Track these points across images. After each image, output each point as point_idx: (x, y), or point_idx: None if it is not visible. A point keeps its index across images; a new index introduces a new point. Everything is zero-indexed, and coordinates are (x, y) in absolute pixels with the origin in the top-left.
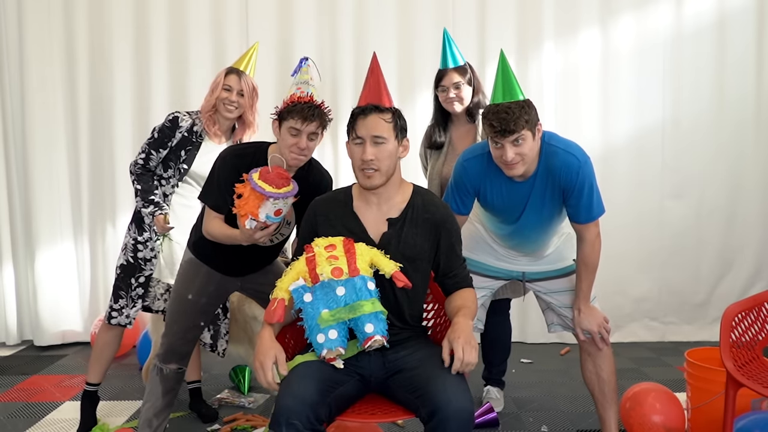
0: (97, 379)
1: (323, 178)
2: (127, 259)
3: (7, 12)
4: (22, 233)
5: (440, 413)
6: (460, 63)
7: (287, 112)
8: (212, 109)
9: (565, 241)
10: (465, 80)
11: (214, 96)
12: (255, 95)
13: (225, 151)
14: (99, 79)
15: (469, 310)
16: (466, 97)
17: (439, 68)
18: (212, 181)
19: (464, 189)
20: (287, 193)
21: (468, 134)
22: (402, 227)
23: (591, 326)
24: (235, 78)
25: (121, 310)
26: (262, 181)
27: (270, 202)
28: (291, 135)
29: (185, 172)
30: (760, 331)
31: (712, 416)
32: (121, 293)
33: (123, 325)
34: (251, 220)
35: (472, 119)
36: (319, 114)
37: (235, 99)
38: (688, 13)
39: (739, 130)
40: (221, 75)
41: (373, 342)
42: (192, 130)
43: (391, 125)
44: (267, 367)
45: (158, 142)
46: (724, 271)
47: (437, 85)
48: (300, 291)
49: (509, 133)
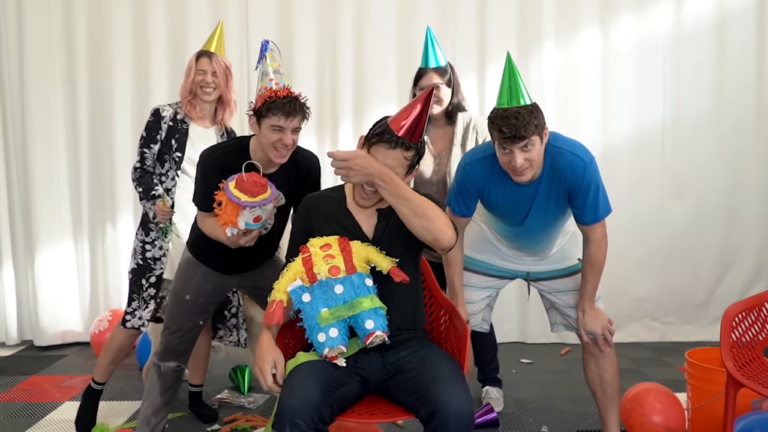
0: (104, 378)
1: (310, 161)
2: (137, 261)
3: (7, 12)
4: (22, 233)
5: (440, 414)
6: (442, 64)
7: (267, 109)
8: (190, 94)
9: (570, 240)
10: (444, 81)
11: (189, 80)
12: (228, 73)
13: (205, 152)
14: (99, 79)
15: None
16: (444, 98)
17: (419, 66)
18: (197, 183)
19: (467, 192)
20: (263, 200)
21: (445, 136)
22: (392, 216)
23: (595, 328)
24: (206, 60)
25: (134, 312)
26: (238, 191)
27: (248, 211)
28: (274, 131)
29: (180, 160)
30: (761, 331)
31: (712, 416)
32: (133, 296)
33: (137, 328)
34: (231, 228)
35: (450, 121)
36: (300, 107)
37: (211, 80)
38: (688, 13)
39: (739, 129)
40: (192, 60)
41: (375, 338)
42: (176, 118)
43: (407, 163)
44: (266, 371)
45: (148, 139)
46: (724, 271)
47: (416, 83)
48: (298, 291)
49: (519, 139)
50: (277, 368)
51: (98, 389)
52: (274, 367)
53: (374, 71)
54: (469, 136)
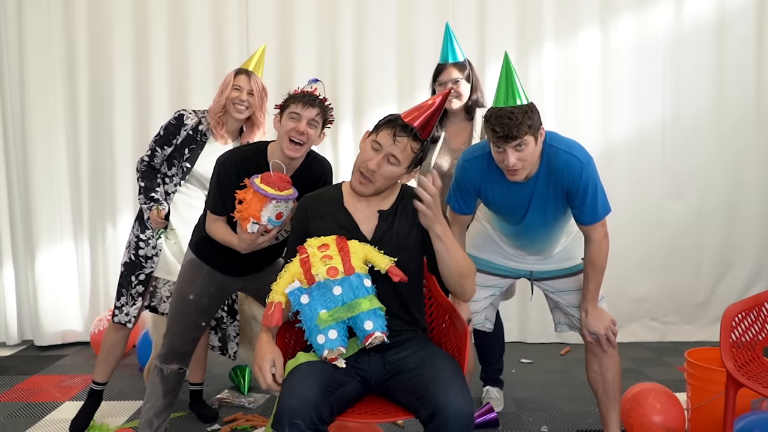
0: (103, 378)
1: (324, 166)
2: (130, 256)
3: (7, 12)
4: (23, 233)
5: (440, 416)
6: (460, 59)
7: (289, 100)
8: (222, 110)
9: (573, 240)
10: (464, 77)
11: (224, 96)
12: (264, 95)
13: (224, 155)
14: (99, 79)
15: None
16: (464, 93)
17: (438, 62)
18: (212, 185)
19: (465, 189)
20: (289, 195)
21: (463, 131)
22: (394, 219)
23: (598, 329)
24: (245, 78)
25: (122, 308)
26: (264, 184)
27: (272, 204)
28: (290, 119)
29: (188, 171)
30: (760, 331)
31: (712, 416)
32: (122, 291)
33: (123, 323)
34: (253, 223)
35: (469, 116)
36: (320, 103)
37: (246, 98)
38: (688, 13)
39: (738, 129)
40: (230, 76)
41: (374, 339)
42: (197, 128)
43: (413, 156)
44: (265, 370)
45: (164, 139)
46: (724, 271)
47: (435, 79)
48: (296, 293)
49: (511, 138)
50: (276, 367)
51: (98, 389)
52: (273, 366)
53: (374, 71)
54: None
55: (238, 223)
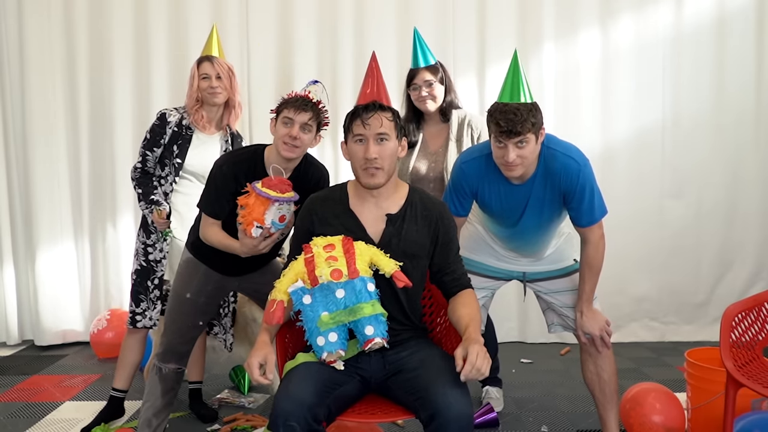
0: (123, 384)
1: (321, 172)
2: (140, 263)
3: (7, 13)
4: (23, 233)
5: (440, 417)
6: (431, 62)
7: (282, 105)
8: (197, 103)
9: (566, 241)
10: (437, 79)
11: (194, 88)
12: (232, 75)
13: (221, 158)
14: (99, 79)
15: (478, 324)
16: (438, 95)
17: (410, 68)
18: (209, 189)
19: (462, 191)
20: (291, 198)
21: (440, 134)
22: (402, 224)
23: (593, 330)
24: (209, 64)
25: (144, 312)
26: (266, 188)
27: (275, 207)
28: (283, 124)
29: (180, 166)
30: (760, 331)
31: (712, 416)
32: (141, 297)
33: (148, 327)
34: (257, 227)
35: (445, 118)
36: (312, 107)
37: (216, 84)
38: (688, 13)
39: (738, 128)
40: (194, 67)
41: (373, 344)
42: (181, 124)
43: (392, 124)
44: (254, 365)
45: (152, 141)
46: (724, 271)
47: (409, 84)
48: (299, 293)
49: (514, 134)
50: (267, 364)
51: (117, 396)
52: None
53: None
54: (465, 132)
55: (239, 228)
